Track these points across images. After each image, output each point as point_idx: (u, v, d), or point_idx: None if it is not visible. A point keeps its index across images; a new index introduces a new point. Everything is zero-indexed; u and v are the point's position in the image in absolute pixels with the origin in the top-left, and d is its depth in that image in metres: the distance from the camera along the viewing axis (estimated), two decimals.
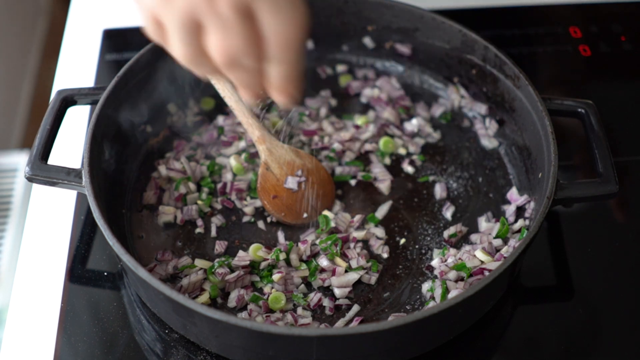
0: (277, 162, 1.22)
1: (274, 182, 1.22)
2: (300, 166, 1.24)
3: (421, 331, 1.00)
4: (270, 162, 1.22)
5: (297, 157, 1.24)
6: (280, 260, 1.15)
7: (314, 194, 1.22)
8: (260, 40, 0.83)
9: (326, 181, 1.25)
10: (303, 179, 1.22)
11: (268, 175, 1.22)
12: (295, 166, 1.23)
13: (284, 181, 1.22)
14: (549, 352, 1.10)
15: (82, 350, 1.08)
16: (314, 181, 1.23)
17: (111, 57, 1.49)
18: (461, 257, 1.14)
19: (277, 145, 1.23)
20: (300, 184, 1.22)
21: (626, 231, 1.22)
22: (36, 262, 1.19)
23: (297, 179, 1.22)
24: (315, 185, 1.23)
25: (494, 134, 1.32)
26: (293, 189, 1.22)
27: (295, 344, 0.96)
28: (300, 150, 1.25)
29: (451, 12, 1.46)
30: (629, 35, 1.53)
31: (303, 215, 1.22)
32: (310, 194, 1.22)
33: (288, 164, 1.23)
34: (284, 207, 1.22)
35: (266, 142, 1.23)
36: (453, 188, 1.27)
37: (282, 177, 1.23)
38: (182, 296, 0.96)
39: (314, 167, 1.25)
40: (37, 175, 1.11)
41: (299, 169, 1.23)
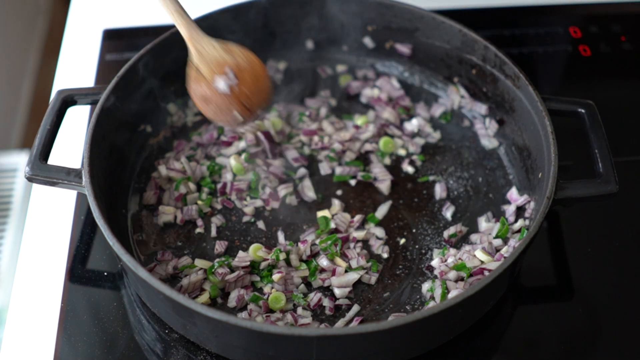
0: (206, 64, 1.16)
1: (205, 84, 1.15)
2: (231, 64, 1.16)
3: (421, 331, 1.00)
4: (199, 64, 1.16)
5: (227, 55, 1.17)
6: (280, 260, 1.15)
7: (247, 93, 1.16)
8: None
9: (261, 77, 1.19)
10: (232, 76, 1.15)
11: (199, 77, 1.16)
12: (225, 64, 1.16)
13: (213, 81, 1.15)
14: (549, 352, 1.10)
15: (82, 350, 1.08)
16: (247, 79, 1.16)
17: (111, 57, 1.49)
18: (461, 257, 1.14)
19: (207, 44, 1.17)
20: (232, 86, 1.15)
21: (626, 231, 1.22)
22: (36, 262, 1.19)
23: (226, 80, 1.15)
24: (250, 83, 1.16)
25: (494, 134, 1.32)
26: (224, 91, 1.15)
27: (295, 344, 0.96)
28: (232, 47, 1.19)
29: (451, 12, 1.46)
30: (629, 35, 1.53)
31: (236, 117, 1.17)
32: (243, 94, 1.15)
33: (218, 63, 1.16)
34: (218, 109, 1.16)
35: (194, 42, 1.17)
36: (453, 188, 1.27)
37: (211, 78, 1.15)
38: (182, 296, 0.96)
39: (247, 62, 1.18)
40: (37, 175, 1.11)
41: (229, 67, 1.16)
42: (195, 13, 1.31)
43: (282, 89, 1.40)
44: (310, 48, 1.44)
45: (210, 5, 1.34)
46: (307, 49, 1.44)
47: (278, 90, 1.39)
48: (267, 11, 1.36)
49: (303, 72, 1.43)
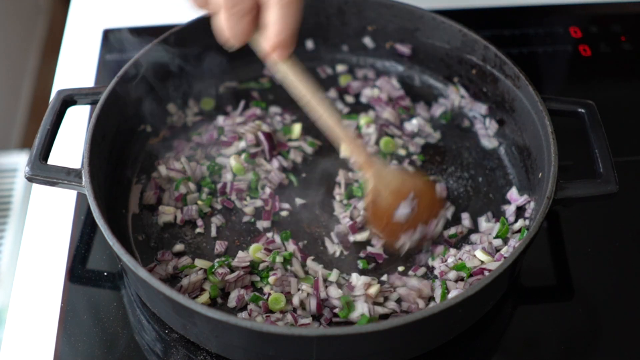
0: (387, 188, 1.14)
1: (385, 209, 1.15)
2: (410, 188, 1.15)
3: (421, 331, 1.00)
4: (380, 188, 1.14)
5: (406, 179, 1.17)
6: (277, 262, 1.14)
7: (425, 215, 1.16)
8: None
9: (435, 201, 1.19)
10: (415, 203, 1.14)
11: (379, 202, 1.14)
12: (406, 189, 1.15)
13: (396, 208, 1.14)
14: (549, 352, 1.10)
15: (82, 350, 1.08)
16: (423, 204, 1.16)
17: (111, 57, 1.49)
18: (461, 257, 1.14)
19: (386, 169, 1.16)
20: (412, 209, 1.15)
21: (626, 231, 1.22)
22: (36, 262, 1.19)
23: (408, 205, 1.14)
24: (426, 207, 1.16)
25: (494, 134, 1.32)
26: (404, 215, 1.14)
27: (295, 344, 0.96)
28: (406, 170, 1.20)
29: (451, 12, 1.46)
30: (629, 35, 1.53)
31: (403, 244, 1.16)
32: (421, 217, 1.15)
33: (398, 188, 1.15)
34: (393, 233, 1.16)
35: (374, 166, 1.14)
36: (453, 188, 1.27)
37: (393, 203, 1.14)
38: (182, 296, 0.96)
39: (424, 187, 1.18)
40: (37, 175, 1.11)
41: (409, 191, 1.15)
42: (193, 15, 1.31)
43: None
44: (310, 48, 1.44)
45: None
46: (307, 49, 1.44)
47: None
48: None
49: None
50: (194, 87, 1.37)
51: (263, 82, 1.42)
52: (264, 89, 1.41)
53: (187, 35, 1.29)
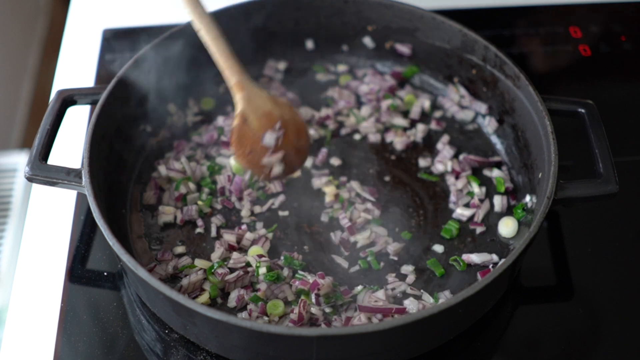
0: (255, 114, 1.13)
1: (251, 136, 1.13)
2: (278, 118, 1.14)
3: (421, 331, 1.00)
4: (248, 113, 1.12)
5: (275, 107, 1.15)
6: (260, 275, 1.13)
7: (291, 149, 1.14)
8: None
9: (302, 133, 1.18)
10: (281, 132, 1.14)
11: (245, 129, 1.13)
12: (273, 118, 1.14)
13: (262, 137, 1.13)
14: (549, 352, 1.10)
15: (82, 350, 1.08)
16: (290, 134, 1.15)
17: (111, 57, 1.49)
18: None
19: (256, 94, 1.14)
20: (278, 139, 1.14)
21: (626, 231, 1.22)
22: (36, 262, 1.19)
23: (275, 135, 1.13)
24: (293, 139, 1.15)
25: (493, 133, 1.32)
26: (271, 146, 1.14)
27: (295, 344, 0.96)
28: (278, 98, 1.18)
29: (451, 12, 1.46)
30: (629, 35, 1.53)
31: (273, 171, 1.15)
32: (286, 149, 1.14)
33: (266, 115, 1.13)
34: (259, 163, 1.14)
35: (245, 89, 1.13)
36: (453, 188, 1.27)
37: (259, 131, 1.13)
38: (182, 296, 0.96)
39: (291, 117, 1.17)
40: (37, 175, 1.11)
41: (277, 120, 1.14)
42: None
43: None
44: (310, 48, 1.44)
45: (210, 5, 1.34)
46: (307, 49, 1.44)
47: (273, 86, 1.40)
48: (268, 11, 1.36)
49: (303, 72, 1.44)
50: (194, 87, 1.36)
51: (263, 81, 1.42)
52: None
53: (187, 35, 1.29)
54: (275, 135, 1.14)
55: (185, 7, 1.08)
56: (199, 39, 1.30)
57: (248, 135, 1.13)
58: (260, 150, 1.14)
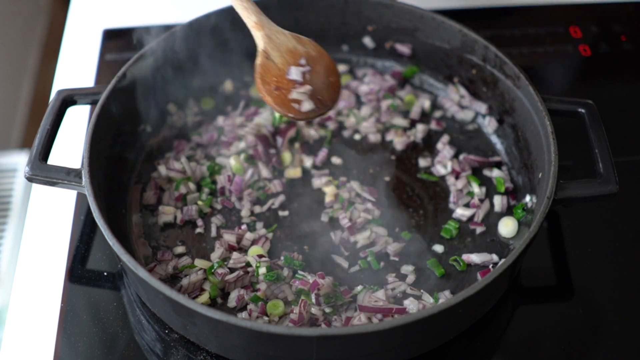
0: (278, 50, 1.10)
1: (276, 72, 1.10)
2: (303, 54, 1.12)
3: (421, 331, 1.00)
4: (270, 50, 1.10)
5: (299, 44, 1.12)
6: (260, 275, 1.13)
7: (320, 85, 1.10)
8: None
9: (332, 70, 1.15)
10: (307, 68, 1.11)
11: (269, 65, 1.10)
12: (298, 54, 1.11)
13: (287, 72, 1.10)
14: (549, 352, 1.10)
15: (82, 350, 1.08)
16: (319, 70, 1.12)
17: (111, 57, 1.48)
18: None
19: (277, 31, 1.11)
20: (304, 74, 1.11)
21: (626, 231, 1.22)
22: (36, 262, 1.19)
23: (300, 69, 1.11)
24: (322, 75, 1.11)
25: (493, 133, 1.32)
26: (297, 80, 1.10)
27: (295, 344, 0.96)
28: (302, 37, 1.15)
29: (451, 12, 1.46)
30: (629, 35, 1.53)
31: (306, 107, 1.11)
32: (316, 85, 1.10)
33: (290, 52, 1.11)
34: (287, 101, 1.10)
35: (264, 28, 1.11)
36: (454, 188, 1.27)
37: (284, 66, 1.10)
38: (182, 296, 0.96)
39: (318, 54, 1.14)
40: (37, 175, 1.11)
41: (302, 57, 1.11)
42: (195, 13, 1.31)
43: None
44: None
45: (210, 5, 1.34)
46: None
47: None
48: (268, 11, 1.36)
49: None
50: (194, 87, 1.36)
51: None
52: None
53: (187, 35, 1.29)
54: (301, 70, 1.10)
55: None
56: (199, 38, 1.30)
57: (273, 71, 1.10)
58: (287, 87, 1.10)
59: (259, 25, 1.11)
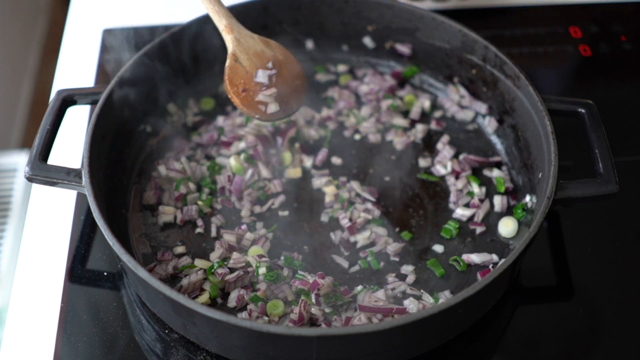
0: (246, 53, 1.15)
1: (243, 74, 1.16)
2: (270, 58, 1.17)
3: (421, 331, 1.00)
4: (238, 53, 1.15)
5: (267, 48, 1.18)
6: (260, 275, 1.13)
7: (286, 88, 1.16)
8: None
9: (298, 74, 1.20)
10: (274, 71, 1.16)
11: (237, 67, 1.15)
12: (265, 57, 1.17)
13: (254, 74, 1.16)
14: (549, 352, 1.10)
15: (82, 350, 1.08)
16: (285, 74, 1.17)
17: (111, 57, 1.49)
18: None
19: (246, 35, 1.17)
20: (271, 77, 1.16)
21: (626, 231, 1.22)
22: (36, 262, 1.19)
23: (267, 72, 1.16)
24: (288, 79, 1.17)
25: (493, 133, 1.32)
26: (264, 83, 1.16)
27: (295, 344, 0.96)
28: (270, 41, 1.20)
29: (451, 12, 1.46)
30: (629, 35, 1.53)
31: (270, 109, 1.17)
32: (282, 88, 1.16)
33: (258, 55, 1.16)
34: (254, 103, 1.16)
35: (234, 32, 1.16)
36: (454, 187, 1.27)
37: (251, 69, 1.16)
38: (182, 296, 0.96)
39: (285, 58, 1.19)
40: (37, 175, 1.11)
41: (269, 60, 1.17)
42: (195, 13, 1.31)
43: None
44: (310, 48, 1.44)
45: None
46: (307, 49, 1.44)
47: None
48: (268, 11, 1.36)
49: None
50: (194, 87, 1.36)
51: None
52: None
53: (187, 35, 1.29)
54: (267, 73, 1.16)
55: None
56: (198, 38, 1.30)
57: (241, 73, 1.16)
58: (254, 89, 1.16)
59: (229, 28, 1.16)
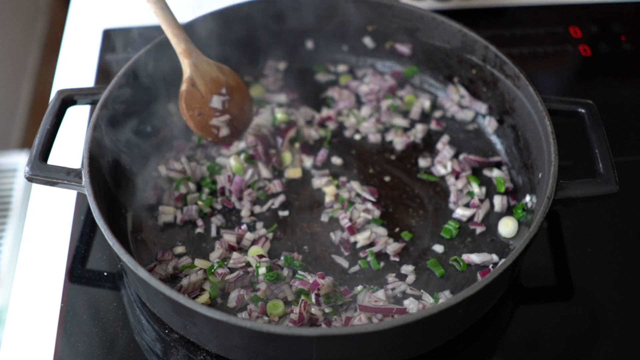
0: (203, 79, 1.22)
1: (199, 98, 1.22)
2: (224, 84, 1.24)
3: (421, 331, 1.00)
4: (195, 78, 1.22)
5: (221, 74, 1.25)
6: (260, 275, 1.13)
7: (237, 113, 1.25)
8: None
9: (246, 97, 1.28)
10: (227, 97, 1.24)
11: (194, 92, 1.22)
12: (220, 83, 1.24)
13: (209, 100, 1.23)
14: (549, 352, 1.10)
15: (82, 350, 1.08)
16: (236, 99, 1.25)
17: (111, 57, 1.48)
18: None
19: (203, 60, 1.23)
20: (224, 102, 1.24)
21: (626, 231, 1.22)
22: (36, 262, 1.19)
23: (222, 98, 1.23)
24: (238, 103, 1.25)
25: (493, 133, 1.32)
26: (218, 108, 1.23)
27: (295, 344, 0.96)
28: (224, 66, 1.26)
29: (451, 12, 1.46)
30: (629, 35, 1.53)
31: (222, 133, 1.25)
32: (233, 113, 1.24)
33: (213, 80, 1.23)
34: (208, 126, 1.24)
35: (192, 56, 1.21)
36: (453, 187, 1.27)
37: (207, 94, 1.23)
38: (182, 296, 0.96)
39: (237, 84, 1.27)
40: (37, 175, 1.11)
41: (223, 86, 1.24)
42: (195, 13, 1.31)
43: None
44: (310, 48, 1.44)
45: (211, 5, 1.34)
46: (307, 49, 1.44)
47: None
48: (267, 11, 1.36)
49: (303, 72, 1.44)
50: None
51: (263, 82, 1.42)
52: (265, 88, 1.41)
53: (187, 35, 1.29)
54: (222, 99, 1.23)
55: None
56: (198, 38, 1.30)
57: (197, 98, 1.22)
58: (209, 113, 1.23)
59: (187, 53, 1.21)
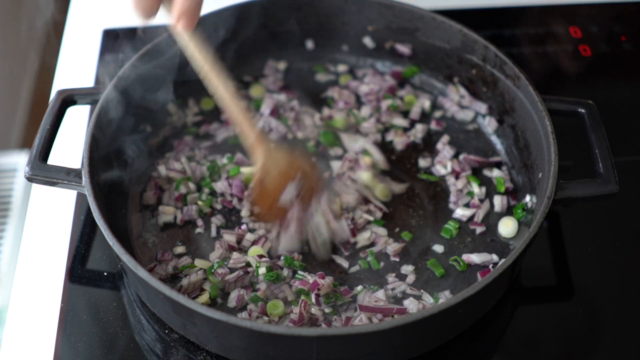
0: (277, 167, 1.14)
1: (272, 188, 1.14)
2: (297, 170, 1.15)
3: (421, 331, 1.00)
4: (269, 166, 1.13)
5: (293, 159, 1.16)
6: (260, 275, 1.13)
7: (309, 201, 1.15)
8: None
9: (318, 182, 1.18)
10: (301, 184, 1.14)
11: (267, 181, 1.14)
12: (293, 170, 1.15)
13: (283, 190, 1.14)
14: (549, 352, 1.10)
15: (82, 350, 1.08)
16: (309, 187, 1.15)
17: (111, 57, 1.48)
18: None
19: (274, 148, 1.15)
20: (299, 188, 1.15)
21: (626, 231, 1.22)
22: (36, 262, 1.19)
23: (296, 187, 1.14)
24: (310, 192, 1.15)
25: (493, 133, 1.32)
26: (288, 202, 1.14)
27: (295, 344, 0.96)
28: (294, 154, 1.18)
29: (451, 12, 1.46)
30: (629, 35, 1.53)
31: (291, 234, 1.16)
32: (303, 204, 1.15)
33: (286, 168, 1.14)
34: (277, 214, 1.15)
35: (265, 143, 1.14)
36: (453, 187, 1.27)
37: (280, 184, 1.14)
38: (182, 296, 0.96)
39: (309, 167, 1.18)
40: (37, 175, 1.11)
41: (296, 172, 1.14)
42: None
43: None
44: (310, 48, 1.44)
45: (211, 4, 1.34)
46: (307, 49, 1.44)
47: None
48: (267, 11, 1.37)
49: (303, 72, 1.44)
50: (194, 87, 1.36)
51: (263, 82, 1.42)
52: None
53: None
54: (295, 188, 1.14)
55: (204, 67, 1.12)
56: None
57: (270, 188, 1.14)
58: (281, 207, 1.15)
59: (260, 139, 1.13)
